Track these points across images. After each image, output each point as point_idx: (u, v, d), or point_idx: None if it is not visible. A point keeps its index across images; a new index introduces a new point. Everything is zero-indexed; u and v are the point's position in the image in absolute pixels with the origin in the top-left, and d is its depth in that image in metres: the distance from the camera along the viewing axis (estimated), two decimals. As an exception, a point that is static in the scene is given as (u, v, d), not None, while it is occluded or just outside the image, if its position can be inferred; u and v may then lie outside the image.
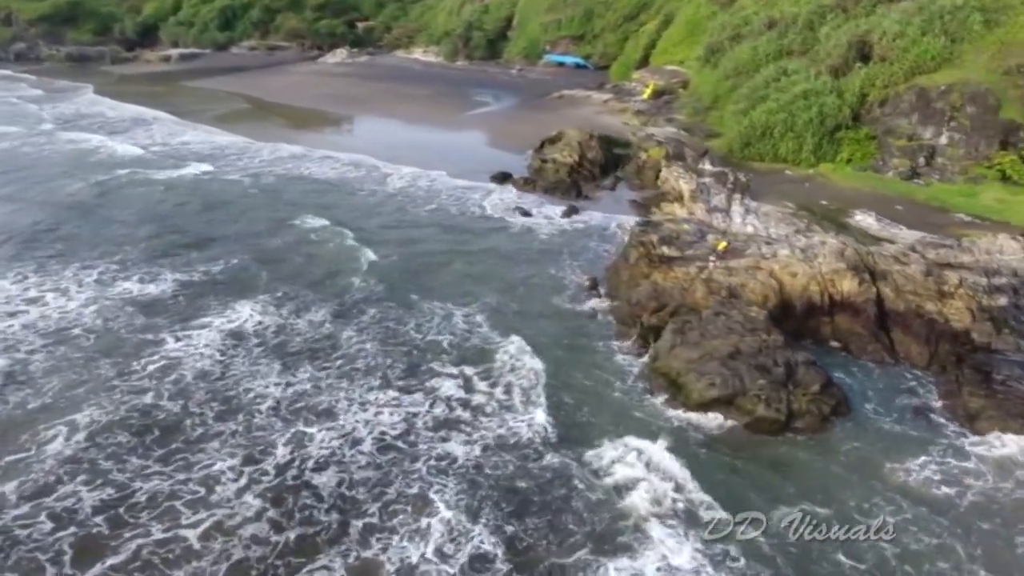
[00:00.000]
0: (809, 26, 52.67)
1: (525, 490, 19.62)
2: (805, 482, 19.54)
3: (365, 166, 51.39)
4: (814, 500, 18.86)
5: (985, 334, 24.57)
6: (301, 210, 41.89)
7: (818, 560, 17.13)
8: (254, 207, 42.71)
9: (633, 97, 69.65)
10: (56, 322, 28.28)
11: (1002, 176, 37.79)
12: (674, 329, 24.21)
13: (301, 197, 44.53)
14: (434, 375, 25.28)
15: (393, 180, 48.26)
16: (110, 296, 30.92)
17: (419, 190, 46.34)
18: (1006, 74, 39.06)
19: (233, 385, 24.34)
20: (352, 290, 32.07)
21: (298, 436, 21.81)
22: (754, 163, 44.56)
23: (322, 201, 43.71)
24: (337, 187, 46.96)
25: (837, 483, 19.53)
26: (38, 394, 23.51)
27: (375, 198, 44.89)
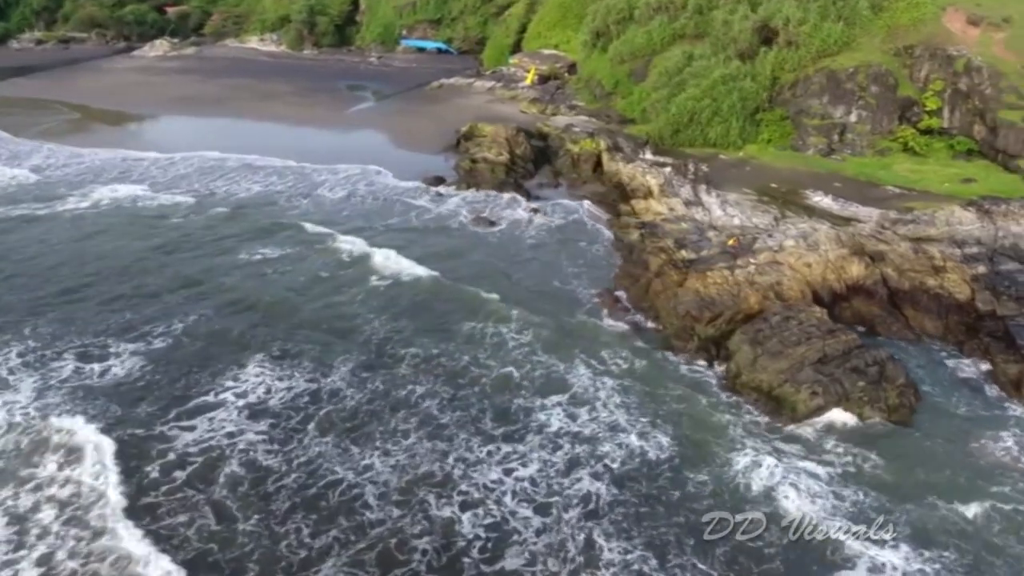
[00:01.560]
0: (699, 10, 55.18)
1: (688, 523, 19.24)
2: (940, 471, 21.01)
3: (292, 172, 46.93)
4: (957, 488, 20.39)
5: (987, 302, 27.77)
6: (248, 236, 36.76)
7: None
8: (185, 238, 36.60)
9: (517, 84, 68.85)
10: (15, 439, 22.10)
11: (904, 147, 42.66)
12: (749, 340, 24.53)
13: (238, 219, 39.24)
14: (526, 412, 24.01)
15: (325, 191, 44.01)
16: (59, 385, 24.79)
17: (366, 197, 43.15)
18: (896, 55, 43.96)
19: (309, 481, 20.70)
20: (367, 329, 28.85)
21: (435, 521, 19.30)
22: (686, 149, 46.15)
23: (266, 222, 38.83)
24: (269, 202, 41.82)
25: (961, 467, 21.17)
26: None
27: (322, 211, 40.69)
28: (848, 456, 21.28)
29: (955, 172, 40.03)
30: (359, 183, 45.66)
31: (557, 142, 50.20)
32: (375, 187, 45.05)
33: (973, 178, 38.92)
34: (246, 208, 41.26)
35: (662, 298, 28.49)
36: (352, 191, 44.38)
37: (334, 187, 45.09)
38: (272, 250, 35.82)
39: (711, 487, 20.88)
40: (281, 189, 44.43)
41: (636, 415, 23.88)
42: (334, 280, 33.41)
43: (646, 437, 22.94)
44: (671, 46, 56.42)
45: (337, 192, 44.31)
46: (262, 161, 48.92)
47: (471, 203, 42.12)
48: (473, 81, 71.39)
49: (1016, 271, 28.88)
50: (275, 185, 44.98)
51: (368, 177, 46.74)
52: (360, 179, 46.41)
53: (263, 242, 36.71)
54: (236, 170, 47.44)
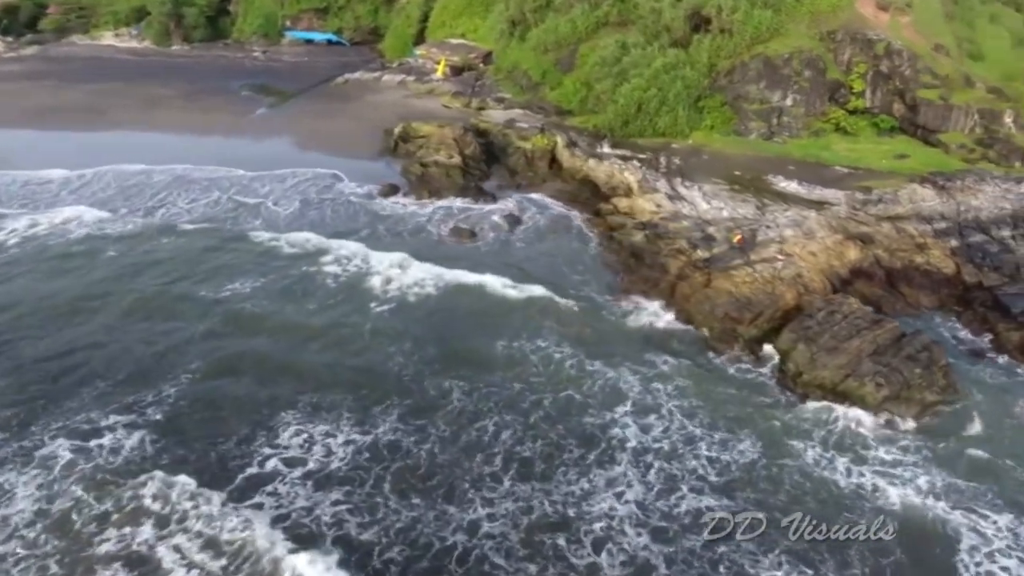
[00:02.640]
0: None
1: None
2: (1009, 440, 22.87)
3: (231, 184, 42.59)
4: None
5: (973, 275, 30.41)
6: (217, 263, 32.91)
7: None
8: (145, 271, 32.54)
9: (429, 77, 66.20)
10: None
11: (836, 127, 45.68)
12: (801, 337, 25.15)
13: (196, 242, 35.33)
14: (601, 430, 23.63)
15: (274, 204, 40.25)
16: (66, 475, 20.68)
17: (323, 209, 39.88)
18: (821, 40, 46.71)
19: (418, 552, 18.87)
20: (394, 364, 26.71)
21: (578, 568, 18.56)
22: (637, 140, 46.51)
23: (228, 244, 35.23)
24: (219, 220, 37.69)
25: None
26: None
27: (281, 226, 37.56)
28: (923, 441, 22.61)
29: (887, 149, 43.48)
30: (309, 193, 42.24)
31: (501, 139, 48.75)
32: (331, 197, 41.73)
33: (905, 154, 42.48)
34: (197, 229, 36.85)
35: (693, 301, 28.56)
36: (305, 203, 40.96)
37: (280, 199, 41.37)
38: (249, 281, 32.14)
39: (809, 487, 21.36)
40: (226, 205, 40.12)
41: (705, 422, 23.94)
42: (333, 310, 30.59)
43: (726, 445, 23.05)
44: (595, 34, 56.68)
45: (287, 205, 40.68)
46: (197, 172, 44.14)
47: (439, 212, 40.00)
48: (380, 75, 67.65)
49: (985, 242, 31.89)
50: (219, 201, 40.58)
51: (320, 186, 43.30)
52: (311, 187, 42.90)
53: (236, 270, 33.05)
54: (167, 186, 42.22)
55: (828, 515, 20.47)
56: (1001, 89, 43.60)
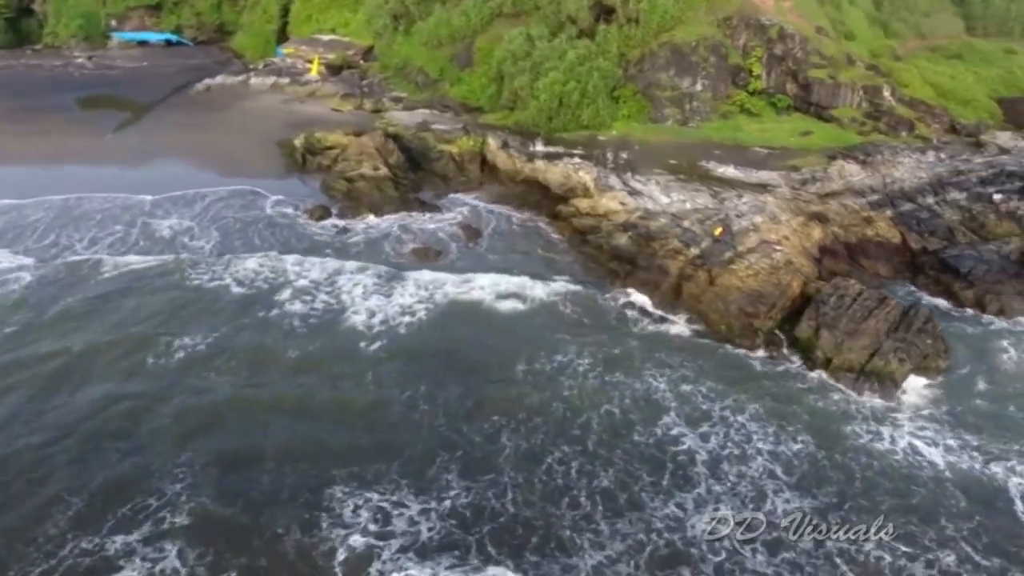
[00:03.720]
0: (515, -12, 54.41)
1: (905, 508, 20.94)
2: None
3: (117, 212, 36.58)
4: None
5: (917, 241, 33.60)
6: (159, 316, 28.83)
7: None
8: (77, 346, 26.97)
9: (304, 78, 60.95)
10: None
11: (740, 109, 48.35)
12: (821, 324, 26.30)
13: (122, 291, 30.41)
14: (661, 447, 23.43)
15: (192, 239, 34.78)
16: None
17: (257, 236, 34.65)
18: (719, 26, 48.91)
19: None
20: (423, 412, 24.93)
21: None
22: (563, 134, 46.02)
23: (162, 291, 30.72)
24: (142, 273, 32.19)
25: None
26: None
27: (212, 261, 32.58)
28: (952, 404, 24.79)
29: (791, 127, 46.79)
30: (227, 218, 37.73)
31: (418, 143, 46.01)
32: (254, 222, 37.41)
33: (809, 131, 45.98)
34: (117, 273, 31.19)
35: (705, 300, 28.83)
36: (228, 230, 36.57)
37: (197, 228, 36.62)
38: (203, 335, 27.86)
39: (877, 467, 22.52)
40: (136, 238, 34.71)
41: (755, 421, 24.40)
42: (320, 361, 27.28)
43: (782, 440, 23.66)
44: (490, 26, 55.18)
45: (208, 234, 36.21)
46: (87, 203, 37.84)
47: (386, 230, 36.94)
48: (247, 78, 61.02)
49: (915, 210, 35.42)
50: (127, 235, 34.84)
51: (236, 209, 38.66)
52: (226, 211, 38.27)
53: (183, 322, 28.77)
54: (52, 222, 35.56)
55: (901, 489, 21.80)
56: (877, 66, 48.61)
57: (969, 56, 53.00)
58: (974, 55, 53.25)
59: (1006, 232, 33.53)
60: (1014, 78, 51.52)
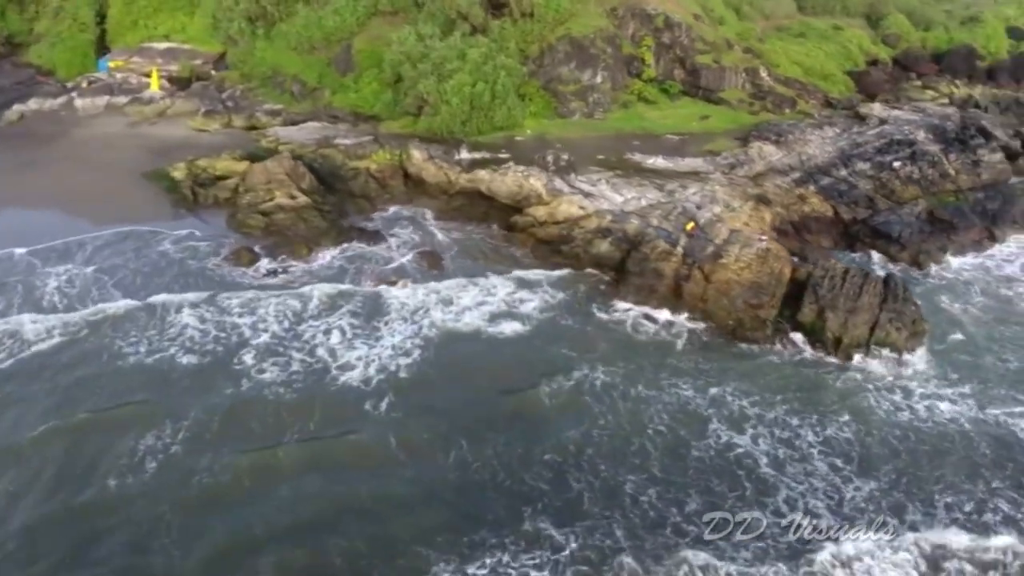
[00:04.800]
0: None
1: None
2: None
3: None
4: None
5: (847, 212, 36.59)
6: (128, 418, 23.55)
7: None
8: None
9: (143, 95, 52.72)
10: None
11: (639, 98, 49.56)
12: (825, 306, 27.76)
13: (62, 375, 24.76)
14: (721, 455, 23.68)
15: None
16: None
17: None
18: (608, 17, 49.41)
19: None
20: (486, 476, 22.64)
21: None
22: (479, 138, 44.07)
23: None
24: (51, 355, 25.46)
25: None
26: None
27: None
28: (946, 362, 27.48)
29: (689, 112, 48.88)
30: (125, 269, 31.79)
31: (322, 161, 41.56)
32: (167, 271, 32.06)
33: (707, 115, 48.34)
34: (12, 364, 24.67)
35: (708, 299, 29.06)
36: (137, 284, 30.93)
37: (98, 285, 30.50)
38: (164, 432, 22.94)
39: (913, 437, 24.22)
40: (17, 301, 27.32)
41: (793, 414, 25.10)
42: (328, 428, 24.06)
43: (826, 428, 24.59)
44: (367, 26, 51.26)
45: (112, 291, 30.29)
46: None
47: (339, 265, 33.02)
48: (70, 100, 51.57)
49: (834, 182, 38.56)
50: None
51: (138, 256, 33.11)
52: (124, 261, 32.44)
53: (131, 420, 23.64)
54: None
55: (941, 449, 23.76)
56: (752, 48, 52.16)
57: (810, 34, 58.81)
58: (813, 33, 59.18)
59: (912, 195, 37.80)
60: (849, 52, 58.12)
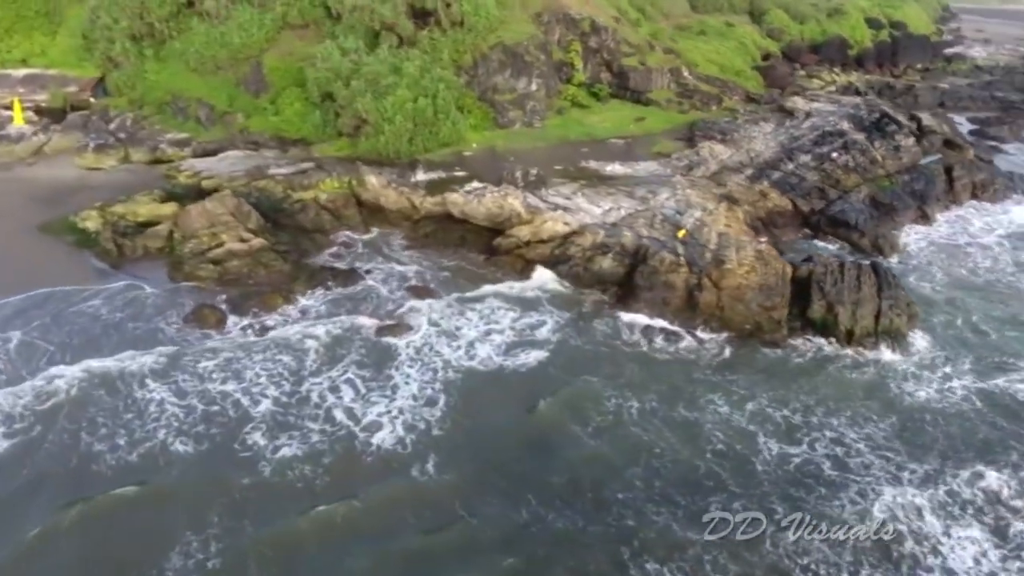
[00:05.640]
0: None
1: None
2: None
3: None
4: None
5: (804, 204, 38.29)
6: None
7: None
8: None
9: (6, 130, 45.40)
10: None
11: (572, 103, 49.27)
12: (833, 301, 28.65)
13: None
14: (802, 469, 23.35)
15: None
16: None
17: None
18: (534, 23, 48.54)
19: None
20: (577, 525, 21.04)
21: None
22: (427, 155, 41.66)
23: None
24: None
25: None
26: None
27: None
28: (944, 342, 29.19)
29: (624, 115, 49.27)
30: (56, 337, 26.25)
31: (259, 195, 37.35)
32: (123, 340, 27.08)
33: (642, 117, 48.96)
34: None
35: (724, 307, 28.99)
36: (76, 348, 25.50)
37: (41, 362, 24.68)
38: (188, 543, 19.25)
39: (941, 419, 25.49)
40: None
41: (832, 415, 25.31)
42: (376, 505, 21.11)
43: (864, 425, 24.95)
44: (276, 41, 46.97)
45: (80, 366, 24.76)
46: None
47: (323, 314, 29.69)
48: (-87, 142, 43.03)
49: (784, 176, 40.21)
50: None
51: (66, 331, 27.35)
52: (64, 335, 26.60)
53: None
54: None
55: (968, 426, 25.25)
56: (671, 49, 53.40)
57: (709, 32, 61.48)
58: (711, 31, 61.94)
59: (855, 183, 40.25)
60: (746, 48, 61.41)
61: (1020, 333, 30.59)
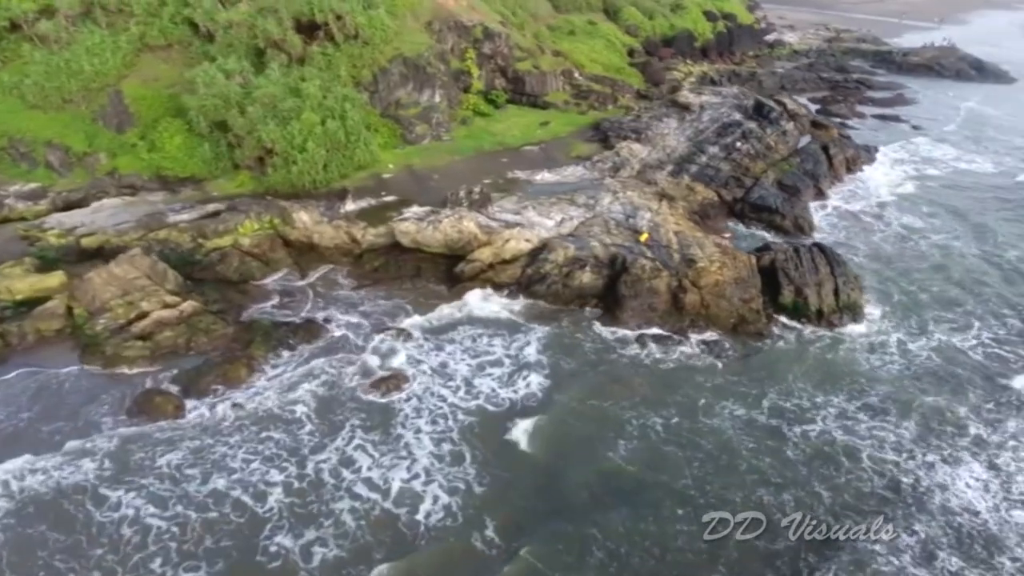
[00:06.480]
0: (151, 12, 40.63)
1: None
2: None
3: None
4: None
5: (727, 194, 40.16)
6: None
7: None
8: None
9: None
10: None
11: (475, 112, 47.84)
12: (800, 286, 30.23)
13: None
14: (821, 447, 24.86)
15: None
16: None
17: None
18: (426, 32, 46.27)
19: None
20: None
21: None
22: (344, 182, 38.22)
23: None
24: None
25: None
26: None
27: None
28: (888, 302, 32.06)
29: (529, 120, 48.71)
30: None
31: (161, 248, 32.23)
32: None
33: (547, 120, 48.66)
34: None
35: (710, 305, 29.39)
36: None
37: None
38: None
39: (918, 381, 27.87)
40: None
41: (830, 393, 26.82)
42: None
43: (860, 398, 26.83)
44: (136, 66, 40.64)
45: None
46: None
47: (300, 383, 25.96)
48: None
49: (701, 169, 41.81)
50: None
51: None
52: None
53: None
54: None
55: (938, 379, 28.00)
56: (560, 51, 53.50)
57: (578, 32, 62.72)
58: (579, 30, 63.23)
59: (761, 169, 42.89)
60: (614, 46, 63.49)
61: (939, 289, 34.43)
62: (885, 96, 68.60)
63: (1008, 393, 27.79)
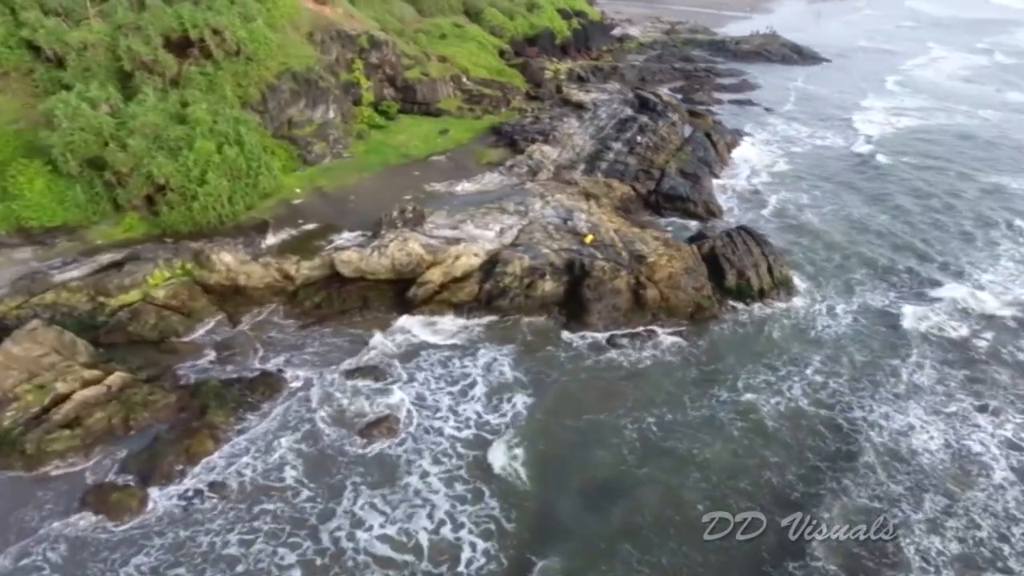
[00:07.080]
0: None
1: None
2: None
3: None
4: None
5: (642, 188, 41.40)
6: None
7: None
8: None
9: None
10: None
11: (369, 125, 45.47)
12: (741, 269, 31.85)
13: None
14: (817, 423, 26.64)
15: None
16: None
17: None
18: (309, 44, 43.07)
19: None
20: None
21: None
22: (251, 213, 34.64)
23: None
24: None
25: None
26: None
27: None
28: (811, 274, 34.70)
29: (426, 129, 47.18)
30: None
31: (47, 315, 27.43)
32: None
33: (446, 128, 47.35)
34: None
35: (668, 297, 29.94)
36: None
37: None
38: None
39: (856, 341, 30.37)
40: None
41: (791, 363, 28.55)
42: None
43: (810, 362, 28.93)
44: None
45: None
46: None
47: (278, 449, 22.99)
48: None
49: (610, 165, 42.67)
50: None
51: None
52: None
53: None
54: None
55: (870, 336, 30.79)
56: (444, 56, 52.06)
57: (448, 35, 61.74)
58: (449, 34, 62.27)
59: (664, 160, 44.58)
60: (486, 47, 63.26)
61: (843, 256, 37.79)
62: (732, 82, 74.47)
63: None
